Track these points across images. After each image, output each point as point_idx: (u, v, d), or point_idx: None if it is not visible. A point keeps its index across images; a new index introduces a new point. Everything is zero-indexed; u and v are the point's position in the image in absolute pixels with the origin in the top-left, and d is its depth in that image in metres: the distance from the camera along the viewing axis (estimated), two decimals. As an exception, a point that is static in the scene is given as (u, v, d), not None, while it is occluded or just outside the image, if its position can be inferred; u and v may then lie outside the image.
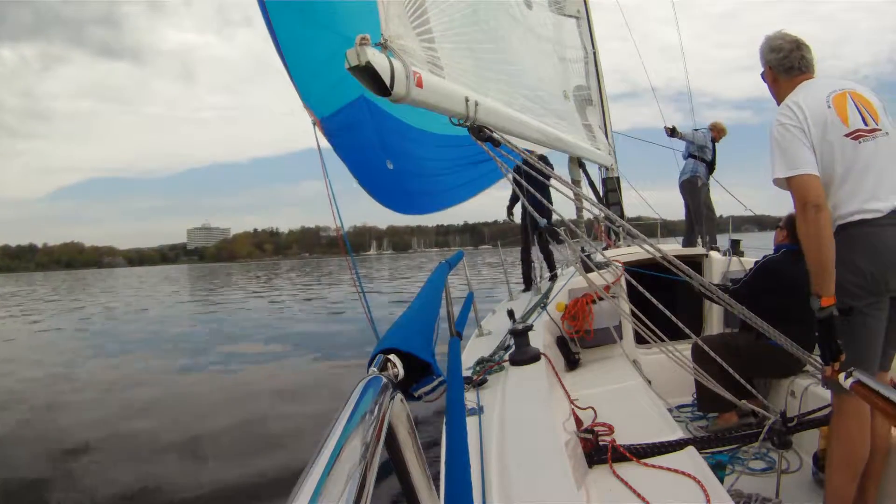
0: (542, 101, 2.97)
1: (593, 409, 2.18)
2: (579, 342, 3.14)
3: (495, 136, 1.94)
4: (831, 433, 1.84)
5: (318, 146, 2.92)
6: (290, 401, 5.79)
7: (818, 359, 1.77)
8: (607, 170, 5.34)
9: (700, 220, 5.39)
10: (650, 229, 6.62)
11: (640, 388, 2.53)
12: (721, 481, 1.72)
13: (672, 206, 6.53)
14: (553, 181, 2.18)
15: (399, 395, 0.68)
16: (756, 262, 2.88)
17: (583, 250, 3.28)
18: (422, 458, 0.69)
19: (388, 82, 1.47)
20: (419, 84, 1.57)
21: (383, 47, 1.52)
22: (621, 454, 1.69)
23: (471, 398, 1.96)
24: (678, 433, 1.89)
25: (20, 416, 5.75)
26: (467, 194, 4.56)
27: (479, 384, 2.13)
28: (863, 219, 1.67)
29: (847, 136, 1.70)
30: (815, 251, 1.62)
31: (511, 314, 2.95)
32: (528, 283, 4.97)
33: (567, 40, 4.37)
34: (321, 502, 0.40)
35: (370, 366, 0.74)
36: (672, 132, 5.73)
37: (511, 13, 2.90)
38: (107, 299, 24.93)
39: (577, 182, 5.27)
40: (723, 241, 5.19)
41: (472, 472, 1.07)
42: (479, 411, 1.79)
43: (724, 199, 6.44)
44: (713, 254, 3.98)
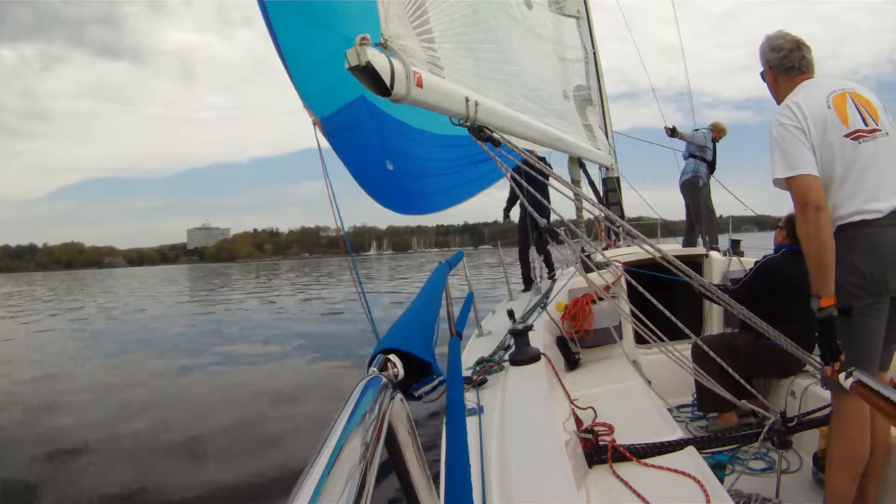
0: (542, 101, 2.97)
1: (593, 409, 2.18)
2: (579, 342, 3.14)
3: (495, 136, 1.94)
4: (831, 433, 1.84)
5: (319, 146, 2.92)
6: (290, 401, 5.79)
7: (818, 359, 1.77)
8: (607, 170, 5.35)
9: (700, 220, 5.39)
10: (650, 229, 6.62)
11: (640, 388, 2.53)
12: (721, 481, 1.72)
13: (672, 206, 6.53)
14: (553, 181, 2.18)
15: (399, 395, 0.68)
16: (756, 263, 2.88)
17: (583, 250, 3.28)
18: (422, 458, 0.69)
19: (388, 82, 1.47)
20: (419, 84, 1.57)
21: (383, 47, 1.52)
22: (621, 454, 1.69)
23: (471, 398, 1.95)
24: (678, 433, 1.89)
25: (17, 417, 5.75)
26: (467, 194, 4.55)
27: (479, 384, 2.13)
28: (863, 219, 1.67)
29: (847, 136, 1.70)
30: (814, 252, 1.62)
31: (511, 314, 2.95)
32: (528, 283, 4.97)
33: (567, 40, 4.37)
34: (321, 502, 0.40)
35: (370, 366, 0.74)
36: (672, 132, 5.73)
37: (511, 13, 2.90)
38: (106, 300, 24.92)
39: (577, 182, 5.27)
40: (723, 241, 5.20)
41: (472, 472, 1.07)
42: (479, 411, 1.79)
43: (725, 200, 6.45)
44: (713, 254, 3.98)
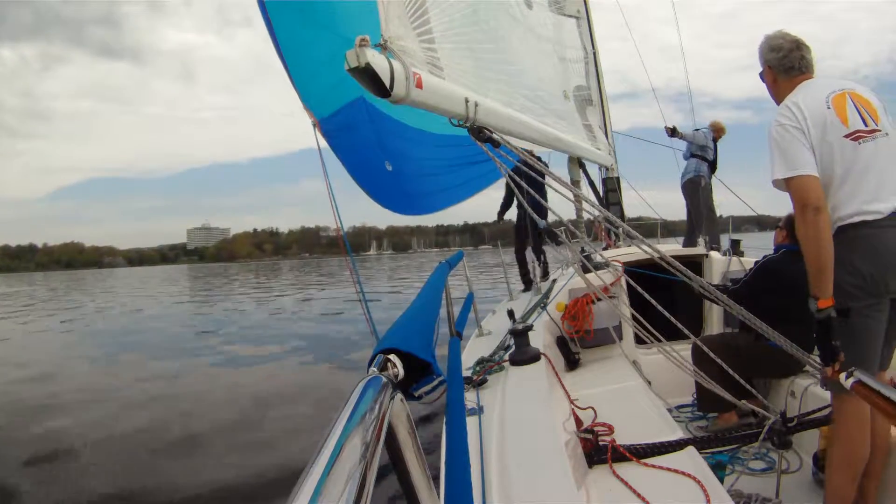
0: (542, 101, 2.97)
1: (593, 409, 2.18)
2: (579, 342, 3.14)
3: (495, 136, 1.94)
4: (832, 434, 1.84)
5: (318, 147, 2.92)
6: (290, 401, 5.78)
7: (818, 359, 1.77)
8: (607, 170, 5.34)
9: (700, 220, 5.39)
10: (650, 229, 6.62)
11: (640, 388, 2.53)
12: (721, 481, 1.72)
13: (672, 207, 6.53)
14: (551, 181, 2.17)
15: (399, 395, 0.68)
16: (756, 263, 2.88)
17: (583, 251, 3.28)
18: (422, 458, 0.69)
19: (387, 84, 1.47)
20: (419, 85, 1.57)
21: (383, 48, 1.51)
22: (621, 454, 1.69)
23: (471, 398, 1.95)
24: (678, 433, 1.89)
25: (14, 417, 5.73)
26: (466, 194, 4.55)
27: (479, 384, 2.13)
28: (863, 220, 1.66)
29: (847, 136, 1.69)
30: (813, 253, 1.62)
31: (511, 314, 2.95)
32: (528, 283, 4.96)
33: (567, 40, 4.37)
34: (321, 502, 0.40)
35: (370, 366, 0.74)
36: (673, 132, 5.73)
37: (511, 13, 2.90)
38: (105, 299, 24.92)
39: (577, 182, 5.27)
40: (723, 241, 5.20)
41: (472, 472, 1.07)
42: (479, 411, 1.79)
43: (725, 200, 6.43)
44: (713, 254, 3.98)
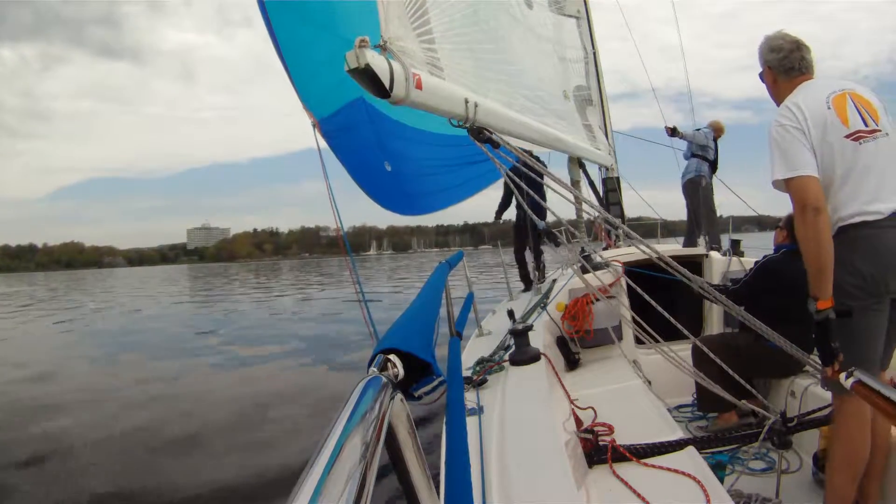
0: (542, 101, 2.97)
1: (593, 409, 2.18)
2: (579, 342, 3.14)
3: (494, 137, 1.94)
4: (832, 434, 1.84)
5: (318, 148, 2.93)
6: (289, 401, 5.78)
7: (817, 359, 1.77)
8: (607, 170, 5.34)
9: (700, 220, 5.38)
10: (650, 229, 6.62)
11: (640, 388, 2.52)
12: (721, 481, 1.72)
13: (672, 207, 6.52)
14: (549, 181, 2.17)
15: (399, 395, 0.68)
16: (756, 263, 2.88)
17: (583, 251, 3.28)
18: (422, 458, 0.69)
19: (387, 85, 1.47)
20: (418, 86, 1.57)
21: (382, 49, 1.51)
22: (621, 454, 1.69)
23: (471, 398, 1.95)
24: (678, 433, 1.89)
25: (10, 417, 5.71)
26: (466, 194, 4.55)
27: (479, 384, 2.13)
28: (864, 220, 1.66)
29: (847, 137, 1.69)
30: (813, 254, 1.62)
31: (511, 314, 2.94)
32: (528, 283, 4.94)
33: (567, 40, 4.37)
34: (321, 502, 0.40)
35: (370, 366, 0.74)
36: (673, 132, 5.72)
37: (511, 13, 2.90)
38: (105, 300, 24.91)
39: (576, 182, 5.26)
40: (723, 241, 5.19)
41: (472, 472, 1.07)
42: (479, 411, 1.79)
43: (725, 200, 6.45)
44: (713, 254, 3.98)
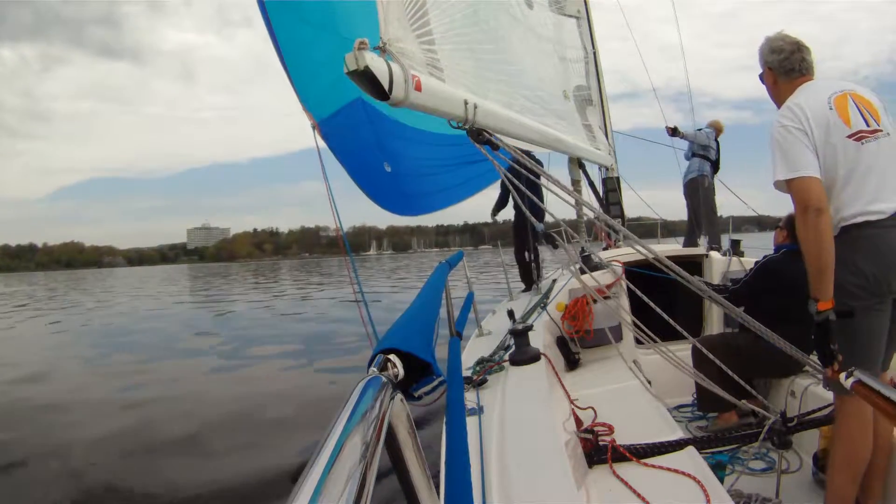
0: (542, 101, 2.97)
1: (593, 409, 2.17)
2: (579, 342, 3.14)
3: (494, 139, 1.93)
4: (833, 434, 1.84)
5: (318, 149, 2.93)
6: (290, 401, 5.77)
7: (817, 360, 1.77)
8: (607, 170, 5.34)
9: (708, 219, 5.38)
10: (650, 229, 6.62)
11: (640, 388, 2.52)
12: (721, 481, 1.72)
13: (672, 207, 6.52)
14: (545, 182, 2.16)
15: (399, 395, 0.68)
16: (756, 263, 2.88)
17: (583, 251, 3.28)
18: (422, 458, 0.69)
19: (386, 87, 1.46)
20: (418, 88, 1.56)
21: (382, 51, 1.51)
22: (621, 454, 1.68)
23: (471, 398, 1.95)
24: (678, 433, 1.89)
25: (11, 417, 5.71)
26: (465, 194, 4.56)
27: (479, 384, 2.13)
28: (867, 220, 1.67)
29: (849, 137, 1.70)
30: (814, 255, 1.62)
31: (511, 314, 2.94)
32: (529, 283, 4.91)
33: (567, 40, 4.37)
34: (321, 502, 0.40)
35: (370, 366, 0.74)
36: (674, 132, 5.72)
37: (511, 13, 2.90)
38: (103, 299, 24.89)
39: (577, 182, 5.26)
40: (723, 241, 5.19)
41: (472, 472, 1.07)
42: (479, 411, 1.79)
43: (726, 200, 6.43)
44: (713, 254, 3.98)
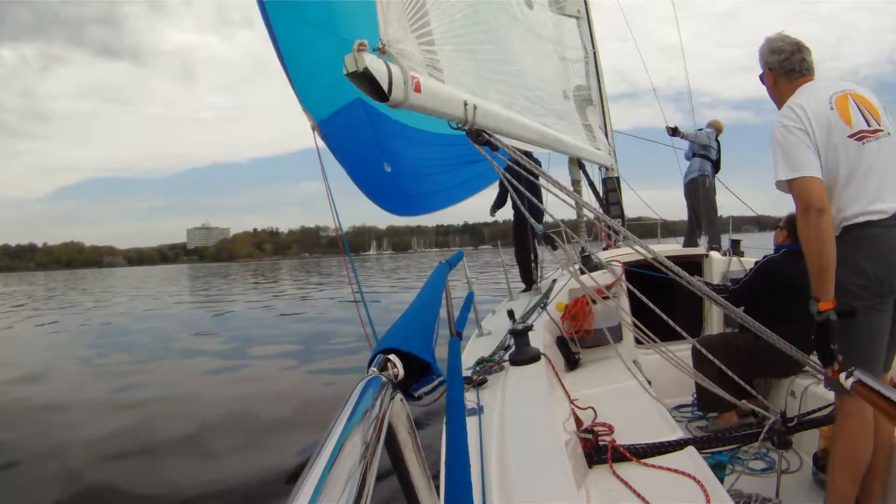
0: (542, 101, 2.97)
1: (593, 409, 2.18)
2: (579, 342, 3.14)
3: (493, 140, 1.93)
4: (834, 433, 1.84)
5: (318, 150, 2.93)
6: (290, 401, 5.76)
7: (817, 360, 1.77)
8: (607, 170, 5.33)
9: (709, 219, 5.38)
10: (651, 229, 6.62)
11: (640, 388, 2.52)
12: (721, 481, 1.72)
13: (672, 206, 6.52)
14: (543, 182, 2.16)
15: (399, 395, 0.68)
16: (756, 263, 2.88)
17: (583, 251, 3.28)
18: (422, 458, 0.69)
19: (385, 88, 1.46)
20: (417, 89, 1.56)
21: (381, 52, 1.51)
22: (621, 454, 1.68)
23: (471, 398, 1.95)
24: (678, 433, 1.89)
25: (9, 418, 5.68)
26: (465, 193, 4.56)
27: (479, 384, 2.13)
28: (868, 220, 1.67)
29: (851, 137, 1.70)
30: (815, 255, 1.62)
31: (511, 314, 2.94)
32: (528, 283, 4.88)
33: (567, 40, 4.37)
34: (321, 502, 0.40)
35: (370, 366, 0.74)
36: (674, 132, 5.71)
37: (512, 13, 2.90)
38: (101, 298, 24.89)
39: (577, 182, 5.25)
40: (723, 241, 5.19)
41: (472, 472, 1.07)
42: (479, 411, 1.79)
43: (726, 200, 6.42)
44: (713, 254, 3.98)
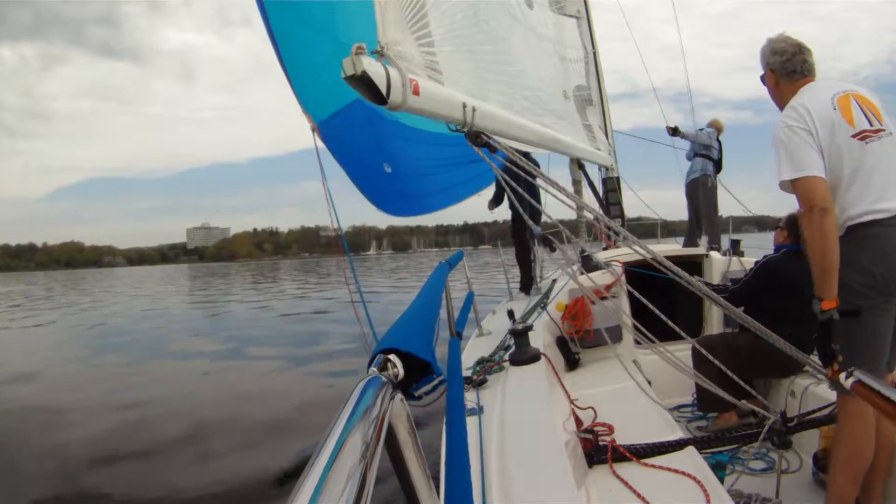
0: (542, 101, 2.96)
1: (593, 409, 2.18)
2: (579, 342, 3.14)
3: (492, 141, 1.93)
4: (835, 433, 1.84)
5: (317, 151, 2.93)
6: (289, 402, 5.77)
7: (817, 360, 1.77)
8: (607, 170, 5.33)
9: (709, 219, 5.38)
10: (651, 229, 6.62)
11: (640, 388, 2.52)
12: (721, 481, 1.72)
13: (672, 207, 6.50)
14: (541, 182, 2.16)
15: (399, 395, 0.68)
16: (756, 262, 2.88)
17: (582, 251, 3.28)
18: (422, 458, 0.69)
19: (384, 91, 1.46)
20: (416, 92, 1.55)
21: (379, 55, 1.50)
22: (621, 454, 1.68)
23: (471, 398, 1.95)
24: (678, 433, 1.89)
25: (7, 418, 5.69)
26: (466, 193, 4.55)
27: (479, 384, 2.13)
28: (873, 219, 1.67)
29: (854, 136, 1.70)
30: (819, 254, 1.62)
31: (511, 314, 2.94)
32: (527, 286, 4.76)
33: (567, 40, 4.37)
34: (321, 502, 0.40)
35: (370, 366, 0.74)
36: (674, 132, 5.71)
37: (512, 13, 2.89)
38: (104, 300, 24.87)
39: (577, 182, 5.25)
40: (723, 241, 5.19)
41: (472, 472, 1.07)
42: (479, 411, 1.79)
43: (726, 200, 6.42)
44: (713, 254, 3.98)
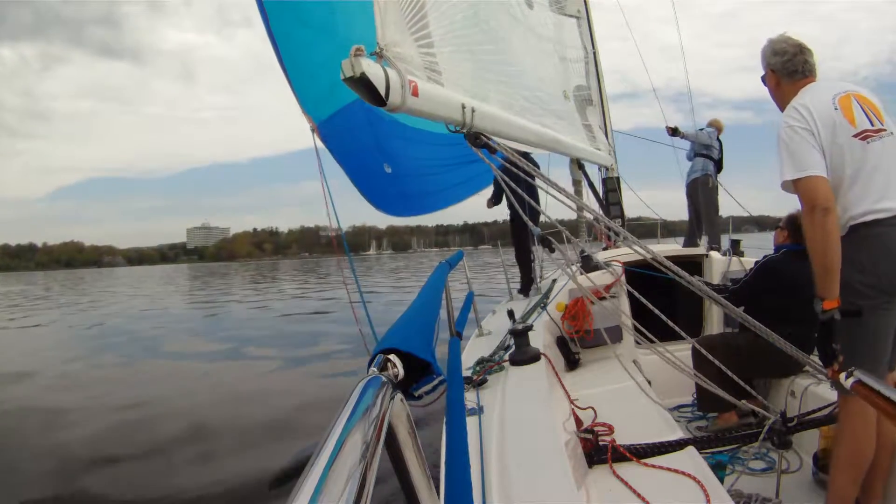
0: (542, 101, 2.96)
1: (593, 409, 2.18)
2: (579, 342, 3.14)
3: (491, 142, 1.93)
4: (836, 433, 1.84)
5: (317, 152, 2.93)
6: (289, 402, 5.77)
7: (817, 360, 1.77)
8: (607, 170, 5.33)
9: (706, 219, 5.38)
10: (651, 229, 6.62)
11: (640, 388, 2.52)
12: (721, 481, 1.72)
13: (672, 207, 6.51)
14: (540, 182, 2.16)
15: (399, 395, 0.68)
16: (756, 262, 2.88)
17: (582, 251, 3.28)
18: (422, 458, 0.69)
19: (382, 93, 1.46)
20: (415, 93, 1.55)
21: (378, 56, 1.50)
22: (621, 454, 1.68)
23: (471, 398, 1.95)
24: (678, 433, 1.89)
25: (6, 419, 5.68)
26: (466, 193, 4.55)
27: (479, 384, 2.13)
28: (875, 219, 1.67)
29: (855, 136, 1.71)
30: (820, 254, 1.63)
31: (511, 314, 2.94)
32: (527, 287, 4.64)
33: (567, 40, 4.37)
34: (321, 502, 0.40)
35: (370, 366, 0.74)
36: (674, 132, 5.71)
37: (512, 13, 2.89)
38: (98, 298, 24.87)
39: (577, 182, 5.24)
40: (723, 241, 5.19)
41: (472, 472, 1.07)
42: (479, 411, 1.79)
43: (726, 200, 6.42)
44: (713, 254, 3.98)
